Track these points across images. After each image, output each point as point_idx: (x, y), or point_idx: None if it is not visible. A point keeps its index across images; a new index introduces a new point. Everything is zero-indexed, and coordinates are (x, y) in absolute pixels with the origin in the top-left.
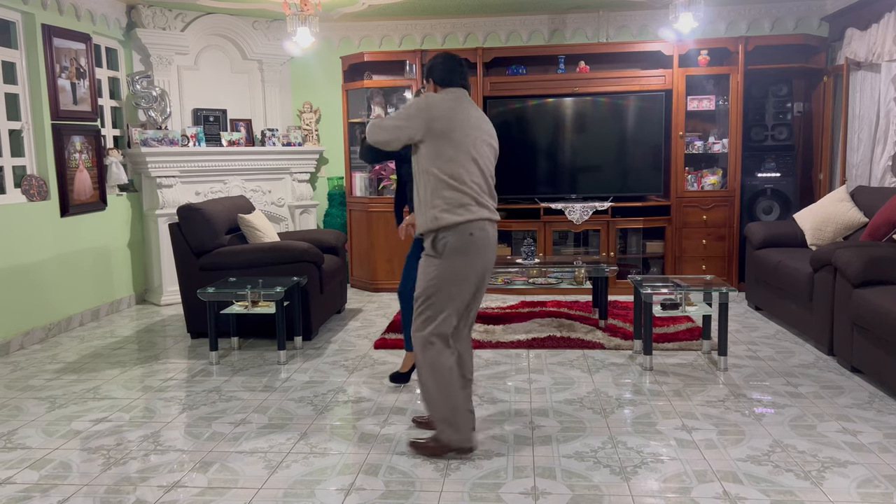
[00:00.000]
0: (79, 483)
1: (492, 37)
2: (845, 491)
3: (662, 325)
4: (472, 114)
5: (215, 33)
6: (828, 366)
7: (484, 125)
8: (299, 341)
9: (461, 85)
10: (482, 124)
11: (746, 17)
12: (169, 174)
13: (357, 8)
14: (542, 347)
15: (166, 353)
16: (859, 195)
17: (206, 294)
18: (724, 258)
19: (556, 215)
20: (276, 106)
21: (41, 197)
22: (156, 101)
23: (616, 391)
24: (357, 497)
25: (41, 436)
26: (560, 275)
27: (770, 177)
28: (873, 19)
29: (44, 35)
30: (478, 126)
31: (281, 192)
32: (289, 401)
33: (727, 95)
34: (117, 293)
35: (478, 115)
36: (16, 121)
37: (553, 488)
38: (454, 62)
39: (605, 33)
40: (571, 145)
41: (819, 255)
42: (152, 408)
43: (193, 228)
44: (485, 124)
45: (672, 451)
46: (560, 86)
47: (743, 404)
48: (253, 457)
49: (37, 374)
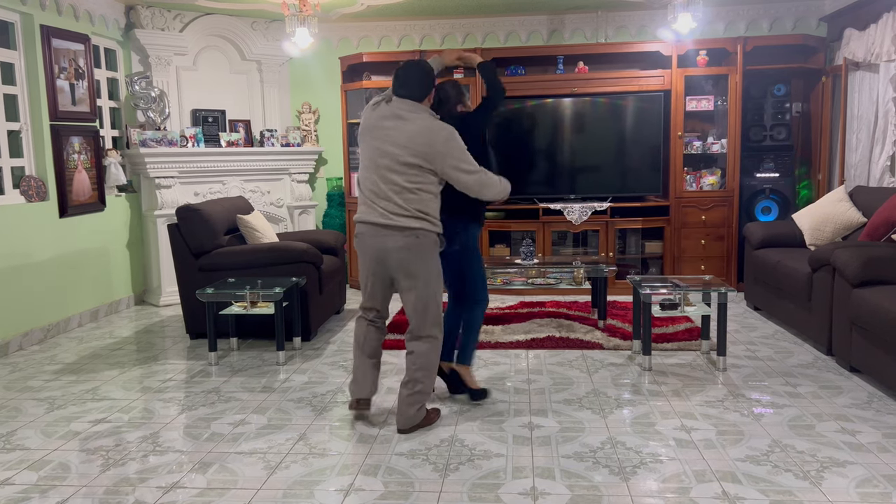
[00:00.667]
0: (78, 484)
1: (490, 37)
2: (844, 491)
3: (661, 326)
4: (381, 122)
5: (214, 34)
6: (826, 366)
7: (397, 135)
8: (298, 342)
9: (396, 93)
10: (395, 134)
11: (745, 17)
12: (168, 175)
13: (356, 8)
14: (541, 348)
15: (165, 354)
16: (858, 195)
17: (205, 295)
18: (722, 258)
19: (555, 216)
20: (274, 106)
21: (40, 198)
22: (154, 102)
23: (615, 391)
24: (356, 497)
25: (40, 437)
26: (559, 275)
27: (769, 177)
28: (871, 19)
29: (42, 36)
30: (385, 136)
31: (280, 192)
32: (288, 401)
33: (726, 96)
34: (116, 294)
35: (390, 124)
36: (14, 121)
37: (552, 488)
38: (397, 71)
39: (604, 34)
40: (570, 146)
41: (818, 255)
42: (151, 408)
43: (192, 229)
44: (399, 134)
45: (671, 451)
46: (559, 86)
47: (742, 404)
48: (252, 457)
49: (35, 374)
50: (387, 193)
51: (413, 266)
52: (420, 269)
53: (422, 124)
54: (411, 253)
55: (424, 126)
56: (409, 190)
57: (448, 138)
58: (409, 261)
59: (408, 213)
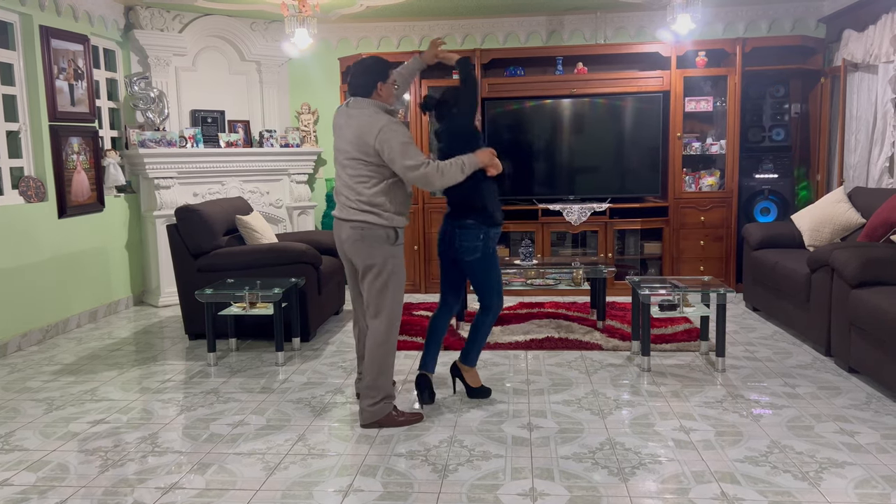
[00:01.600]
0: (76, 485)
1: (489, 38)
2: (843, 491)
3: (660, 326)
4: (338, 121)
5: (213, 34)
6: (825, 366)
7: (347, 132)
8: (297, 342)
9: (348, 93)
10: (345, 131)
11: (744, 18)
12: (167, 175)
13: (355, 9)
14: (540, 349)
15: (164, 355)
16: (857, 196)
17: (204, 295)
18: (721, 259)
19: (554, 216)
20: (274, 107)
21: (39, 198)
22: (154, 103)
23: (614, 392)
24: (355, 498)
25: (38, 437)
26: (558, 276)
27: (768, 178)
28: (870, 21)
29: (41, 36)
30: (341, 134)
31: (279, 193)
32: (287, 402)
33: (725, 97)
34: (115, 294)
35: (342, 122)
36: (13, 122)
37: (551, 489)
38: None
39: (603, 34)
40: (569, 146)
41: (816, 255)
42: (150, 409)
43: (191, 230)
44: (348, 130)
45: (670, 451)
46: (558, 87)
47: (741, 405)
48: (251, 458)
49: (34, 375)
50: (340, 188)
51: (362, 256)
52: (369, 258)
53: (361, 120)
54: (357, 245)
55: (363, 121)
56: (358, 183)
57: (381, 131)
58: (358, 251)
59: (355, 207)
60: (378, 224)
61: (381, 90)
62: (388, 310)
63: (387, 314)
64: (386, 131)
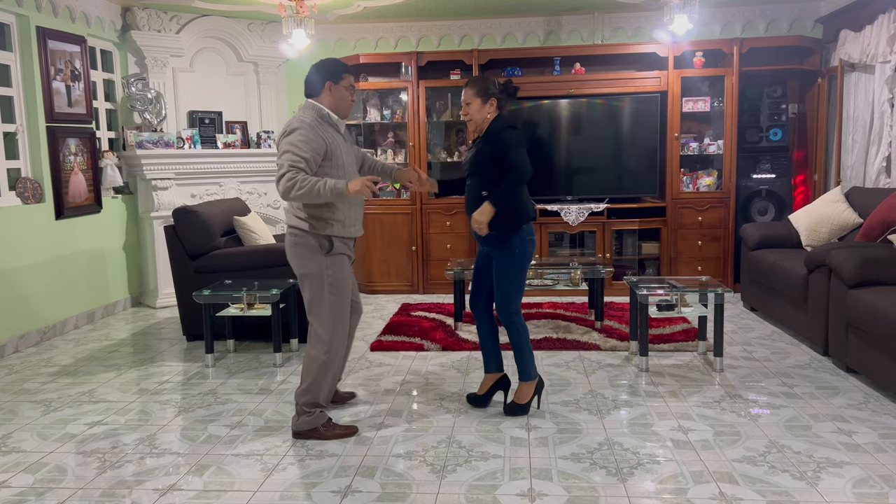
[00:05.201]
0: (74, 487)
1: (487, 38)
2: (841, 491)
3: (658, 327)
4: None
5: (210, 35)
6: (823, 366)
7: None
8: (295, 343)
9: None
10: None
11: (741, 18)
12: (164, 176)
13: (352, 10)
14: (538, 349)
15: (162, 356)
16: (854, 196)
17: (202, 296)
18: (719, 259)
19: (552, 217)
20: (271, 108)
21: (36, 199)
22: (151, 104)
23: (612, 392)
24: (353, 499)
25: (36, 439)
26: (556, 276)
27: (765, 178)
28: (867, 21)
29: (38, 37)
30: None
31: (276, 194)
32: (285, 403)
33: (722, 97)
34: (112, 296)
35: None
36: (10, 123)
37: (549, 489)
38: None
39: (601, 35)
40: (567, 147)
41: (814, 255)
42: (148, 411)
43: (189, 231)
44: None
45: (668, 451)
46: (555, 87)
47: (739, 405)
48: (249, 459)
49: (32, 377)
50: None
51: (295, 264)
52: (302, 268)
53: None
54: (290, 251)
55: (288, 122)
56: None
57: (286, 133)
58: (292, 258)
59: (290, 210)
60: (308, 232)
61: (330, 91)
62: (328, 323)
63: (327, 326)
64: (289, 133)
